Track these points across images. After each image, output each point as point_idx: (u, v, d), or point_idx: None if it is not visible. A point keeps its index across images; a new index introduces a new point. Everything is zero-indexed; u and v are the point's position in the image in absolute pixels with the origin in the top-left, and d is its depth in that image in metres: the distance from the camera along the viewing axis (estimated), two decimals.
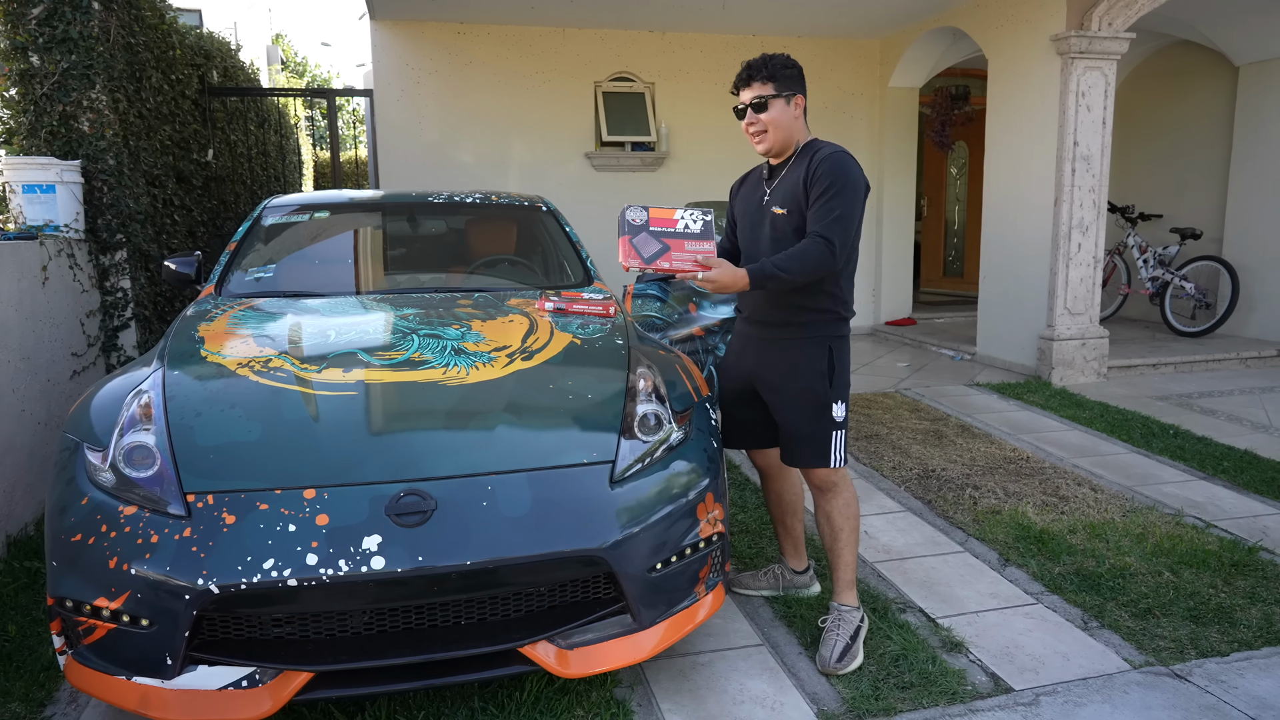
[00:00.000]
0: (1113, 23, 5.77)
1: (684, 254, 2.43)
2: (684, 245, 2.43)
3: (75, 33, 4.31)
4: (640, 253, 2.40)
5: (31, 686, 2.45)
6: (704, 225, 2.46)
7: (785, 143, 2.56)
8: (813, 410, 2.58)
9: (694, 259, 2.42)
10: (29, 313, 3.68)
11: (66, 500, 2.14)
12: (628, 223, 2.41)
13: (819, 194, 2.44)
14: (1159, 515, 3.66)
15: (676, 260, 2.42)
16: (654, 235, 2.41)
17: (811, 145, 2.56)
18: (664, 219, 2.43)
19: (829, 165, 2.44)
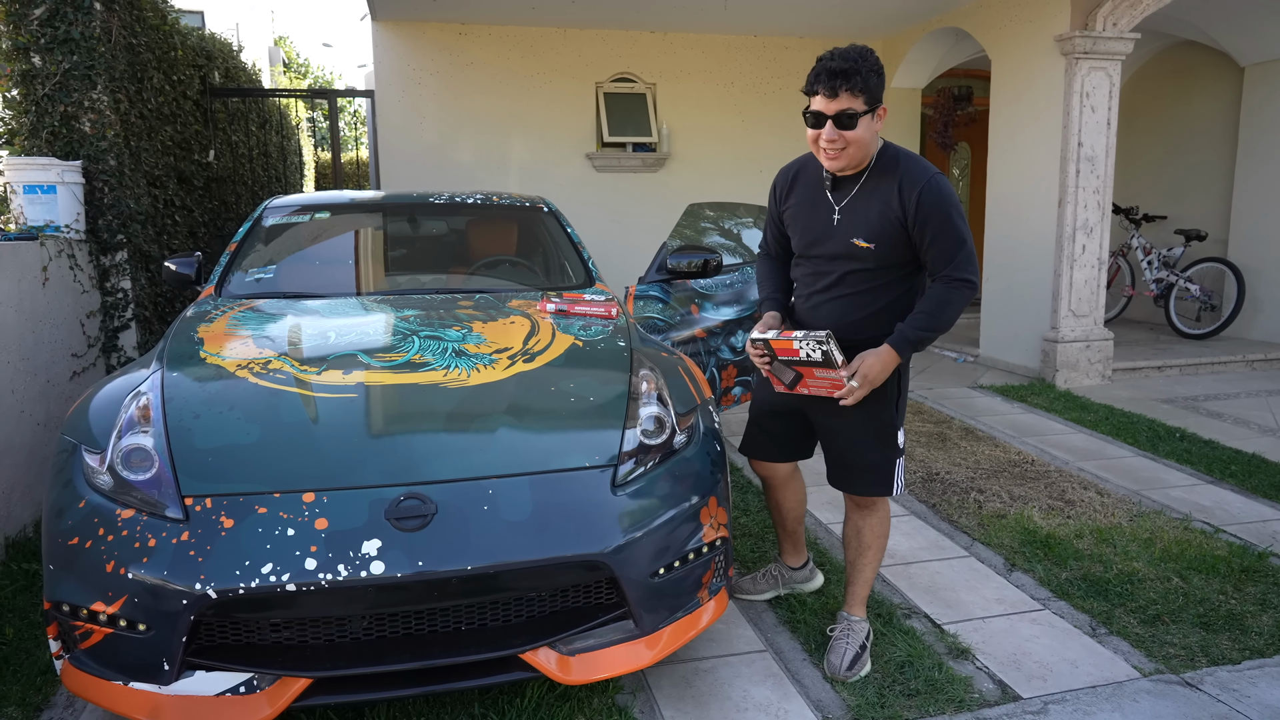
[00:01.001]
0: (1117, 23, 5.74)
1: (818, 381, 2.35)
2: (814, 373, 2.33)
3: (77, 33, 4.29)
4: (781, 379, 2.42)
5: (28, 690, 2.43)
6: (824, 355, 2.26)
7: (863, 161, 2.30)
8: (881, 437, 2.43)
9: (828, 387, 2.34)
10: (29, 313, 3.66)
11: (64, 503, 2.12)
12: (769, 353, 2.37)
13: (936, 231, 2.22)
14: (1166, 520, 3.63)
15: (814, 387, 2.38)
16: (785, 364, 2.36)
17: (888, 156, 2.30)
18: (785, 349, 2.32)
19: (936, 198, 2.21)
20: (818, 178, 2.42)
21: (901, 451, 2.48)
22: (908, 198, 2.23)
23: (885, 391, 2.38)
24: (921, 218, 2.22)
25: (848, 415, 2.41)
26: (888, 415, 2.42)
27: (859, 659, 2.52)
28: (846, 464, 2.49)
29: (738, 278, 4.31)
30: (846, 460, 2.49)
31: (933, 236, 2.23)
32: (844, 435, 2.47)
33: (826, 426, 2.51)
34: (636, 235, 7.55)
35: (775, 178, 2.57)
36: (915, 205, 2.22)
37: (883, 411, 2.41)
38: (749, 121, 8.01)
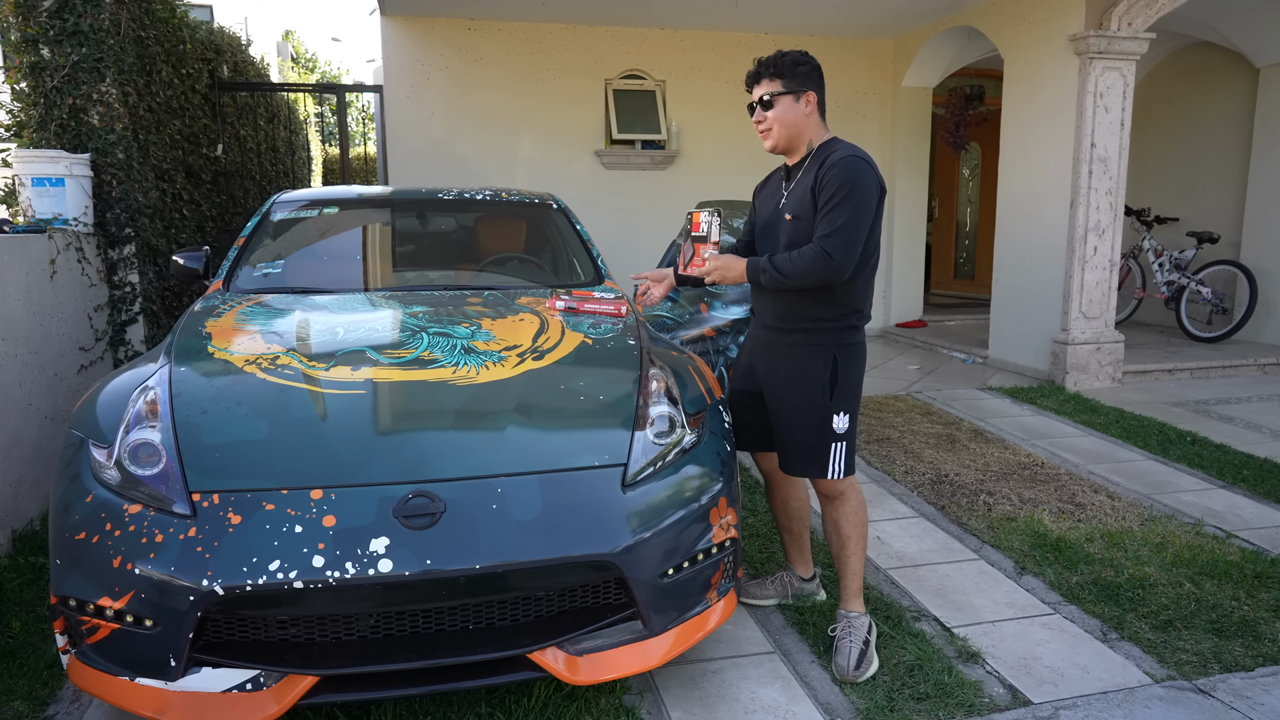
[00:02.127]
0: (1132, 22, 5.70)
1: (698, 257, 2.58)
2: (699, 249, 2.57)
3: (86, 26, 4.28)
4: (685, 257, 2.62)
5: (34, 684, 2.43)
6: (713, 228, 2.57)
7: (791, 141, 2.52)
8: (812, 421, 2.53)
9: (702, 259, 2.58)
10: (37, 306, 3.66)
11: (71, 498, 2.12)
12: (687, 228, 2.62)
13: (824, 201, 2.38)
14: (1178, 524, 3.60)
15: (692, 265, 2.61)
16: (692, 239, 2.59)
17: (827, 147, 2.48)
18: (696, 223, 2.58)
19: (836, 171, 2.37)
20: (781, 172, 2.67)
21: (840, 437, 2.53)
22: (820, 173, 2.41)
23: (817, 377, 2.51)
24: (823, 186, 2.39)
25: (786, 399, 2.57)
26: (820, 400, 2.51)
27: (865, 656, 2.52)
28: (785, 444, 2.61)
29: None
30: (785, 441, 2.61)
31: (823, 205, 2.39)
32: (781, 417, 2.60)
33: (772, 409, 2.65)
34: (645, 233, 7.53)
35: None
36: (823, 176, 2.39)
37: (816, 396, 2.51)
38: None
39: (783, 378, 2.56)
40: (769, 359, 2.61)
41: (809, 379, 2.51)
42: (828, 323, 2.50)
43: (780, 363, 2.57)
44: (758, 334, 2.70)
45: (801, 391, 2.52)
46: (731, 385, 2.85)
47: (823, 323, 2.50)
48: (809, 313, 2.50)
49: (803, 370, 2.52)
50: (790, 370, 2.55)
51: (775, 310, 2.58)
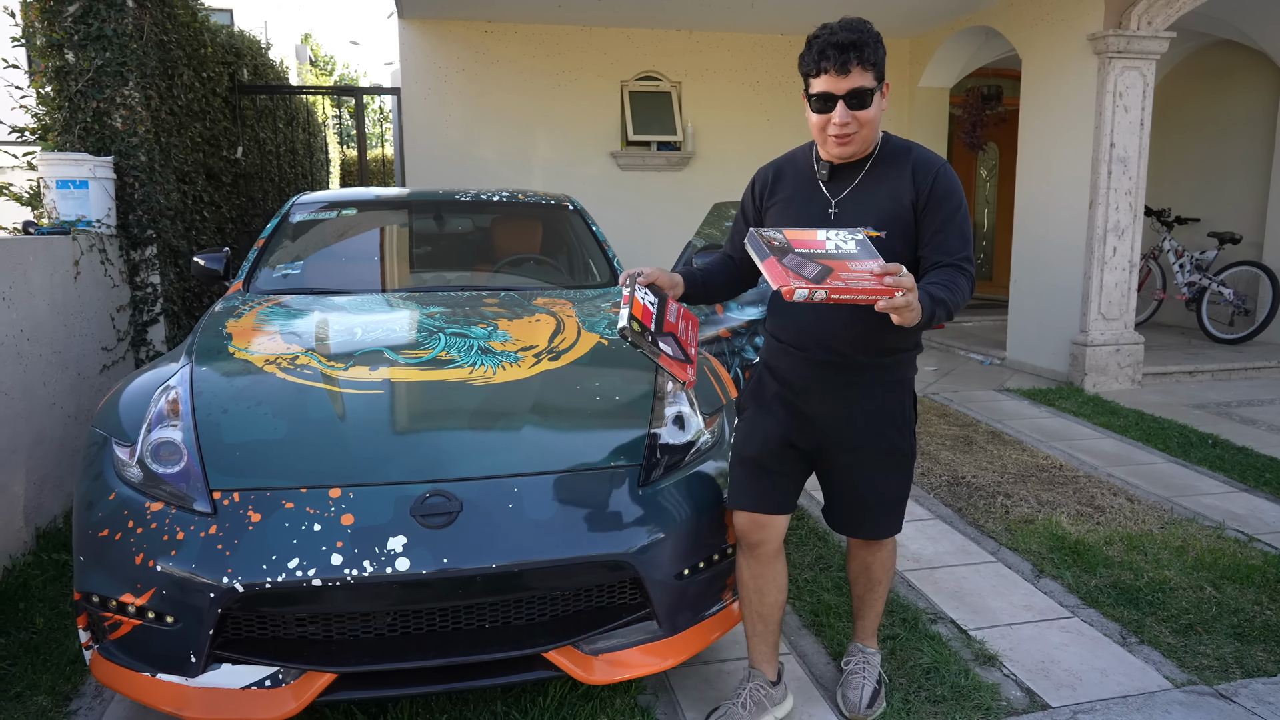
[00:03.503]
0: (1152, 21, 5.65)
1: (853, 273, 1.75)
2: (848, 265, 1.79)
3: (110, 30, 4.34)
4: (801, 273, 1.75)
5: (58, 680, 2.45)
6: (859, 245, 1.84)
7: (869, 145, 2.06)
8: (899, 470, 2.18)
9: (871, 275, 1.73)
10: (61, 307, 3.71)
11: (94, 495, 2.14)
12: (766, 245, 1.83)
13: (949, 218, 1.99)
14: (1199, 528, 3.56)
15: (850, 279, 1.73)
16: (805, 257, 1.83)
17: (894, 140, 2.10)
18: (807, 241, 1.86)
19: (952, 184, 2.01)
20: (808, 171, 2.15)
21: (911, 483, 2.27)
22: (922, 180, 2.01)
23: (902, 418, 2.15)
24: (935, 202, 2.00)
25: (866, 449, 2.14)
26: (906, 445, 2.17)
27: (877, 695, 2.36)
28: (862, 503, 2.20)
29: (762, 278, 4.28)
30: (862, 498, 2.19)
31: (943, 222, 2.00)
32: (860, 470, 2.16)
33: (838, 464, 2.17)
34: (661, 234, 7.54)
35: (755, 175, 2.30)
36: (930, 188, 2.00)
37: (901, 442, 2.15)
38: (774, 121, 7.97)
39: (863, 424, 2.12)
40: (837, 401, 2.12)
41: (893, 421, 2.14)
42: (905, 354, 2.15)
43: (856, 406, 2.12)
44: (808, 372, 2.13)
45: (885, 438, 2.14)
46: (745, 435, 2.24)
47: (902, 354, 2.14)
48: (890, 342, 2.08)
49: (885, 411, 2.14)
50: (871, 413, 2.13)
51: (847, 341, 2.08)
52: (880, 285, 1.69)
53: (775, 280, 1.75)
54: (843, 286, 1.71)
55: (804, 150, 2.19)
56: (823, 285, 1.70)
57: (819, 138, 2.05)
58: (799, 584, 3.05)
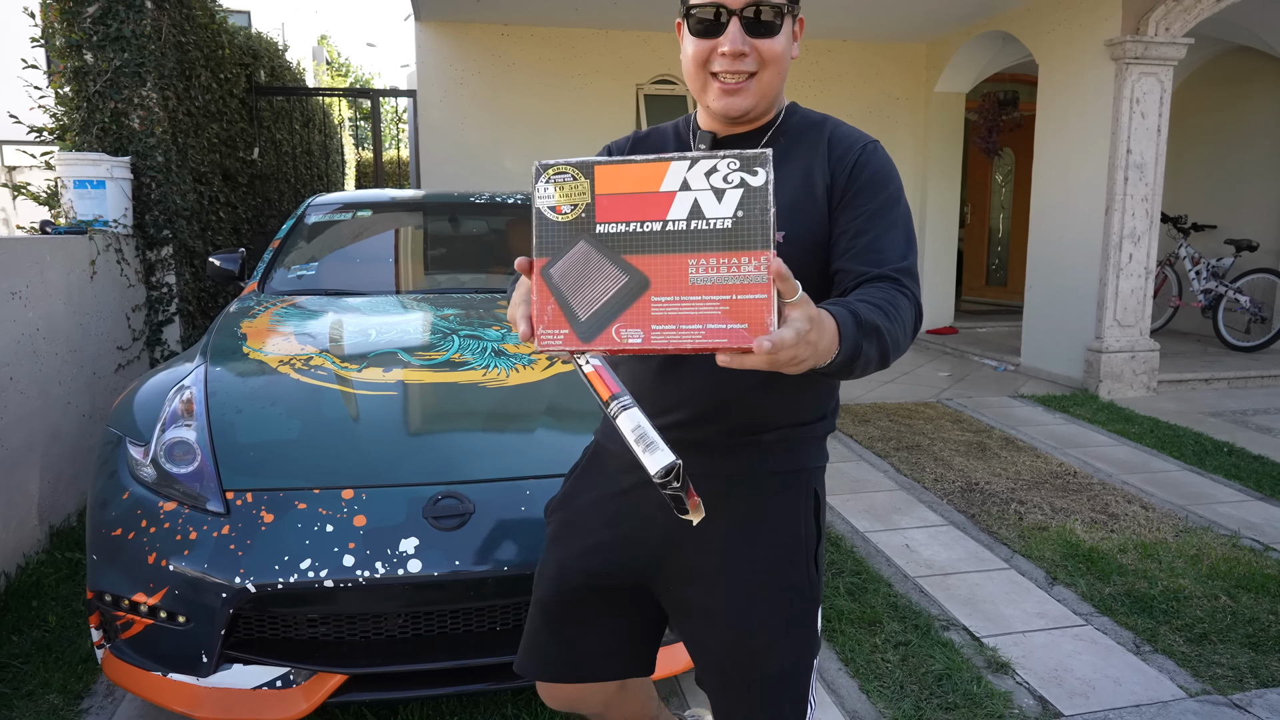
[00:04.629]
0: (1170, 27, 5.61)
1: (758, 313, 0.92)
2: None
3: (128, 31, 4.37)
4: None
5: (69, 678, 2.46)
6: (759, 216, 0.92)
7: (770, 106, 1.35)
8: (796, 624, 1.35)
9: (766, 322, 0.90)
10: (77, 306, 3.74)
11: (108, 494, 2.15)
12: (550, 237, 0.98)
13: (881, 209, 1.28)
14: (1214, 536, 3.53)
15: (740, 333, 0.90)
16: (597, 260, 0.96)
17: (801, 112, 1.40)
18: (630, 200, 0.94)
19: (884, 165, 1.31)
20: (680, 144, 1.44)
21: (820, 646, 1.41)
22: (842, 159, 1.31)
23: (799, 524, 1.35)
24: (861, 188, 1.29)
25: (739, 590, 1.33)
26: (808, 574, 1.36)
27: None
28: (737, 671, 1.36)
29: None
30: (737, 660, 1.35)
31: (874, 216, 1.27)
32: (733, 618, 1.33)
33: (698, 603, 1.36)
34: None
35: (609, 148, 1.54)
36: (854, 168, 1.30)
37: (797, 566, 1.34)
38: None
39: (735, 547, 1.33)
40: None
41: (783, 541, 1.34)
42: (806, 428, 1.36)
43: (723, 518, 1.32)
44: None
45: (771, 569, 1.33)
46: (547, 571, 1.48)
47: (801, 429, 1.35)
48: (779, 411, 1.33)
49: (771, 526, 1.34)
50: (748, 528, 1.33)
51: (709, 408, 1.32)
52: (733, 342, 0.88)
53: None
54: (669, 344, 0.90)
55: (678, 123, 1.47)
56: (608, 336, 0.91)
57: (697, 84, 1.32)
58: None
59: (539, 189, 0.93)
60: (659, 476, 0.97)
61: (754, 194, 0.88)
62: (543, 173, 0.93)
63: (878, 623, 2.82)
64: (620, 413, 1.01)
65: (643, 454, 0.98)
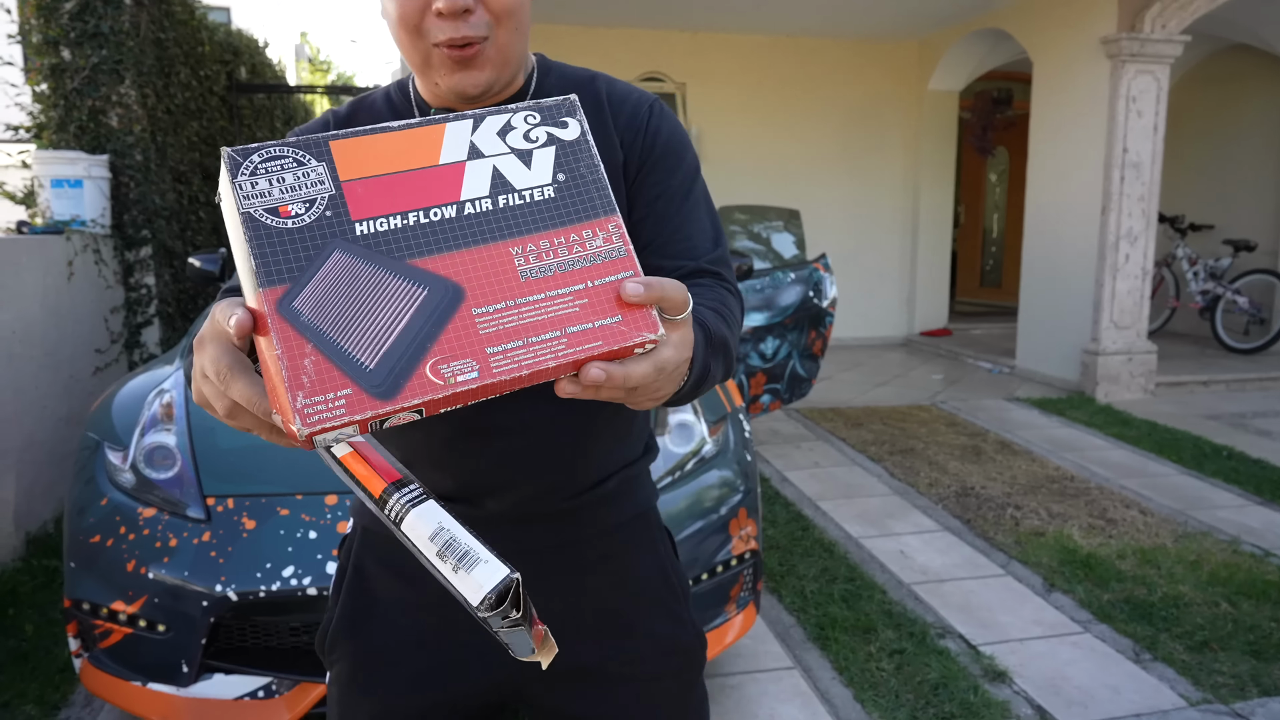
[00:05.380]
0: (1166, 24, 5.59)
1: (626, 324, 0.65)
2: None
3: (106, 28, 4.30)
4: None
5: (46, 689, 2.41)
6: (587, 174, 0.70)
7: (520, 60, 1.00)
8: (685, 689, 1.12)
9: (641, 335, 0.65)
10: (53, 308, 3.66)
11: (85, 501, 2.13)
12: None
13: (683, 186, 1.03)
14: (1214, 541, 3.50)
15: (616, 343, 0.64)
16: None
17: (555, 68, 1.08)
18: (398, 181, 0.65)
19: (675, 126, 1.06)
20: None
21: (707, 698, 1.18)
22: (631, 124, 1.04)
23: (663, 565, 1.13)
24: (659, 160, 1.03)
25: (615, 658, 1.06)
26: (685, 620, 1.13)
27: None
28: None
29: (767, 283, 4.23)
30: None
31: (677, 196, 1.02)
32: (615, 704, 1.07)
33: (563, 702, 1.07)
34: None
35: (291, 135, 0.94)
36: (648, 135, 1.03)
37: (676, 616, 1.12)
38: (779, 124, 7.92)
39: (602, 621, 1.06)
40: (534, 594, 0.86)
41: (655, 592, 1.11)
42: (639, 463, 1.12)
43: (580, 597, 1.06)
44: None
45: (648, 631, 1.08)
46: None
47: (636, 465, 1.11)
48: (615, 450, 1.08)
49: (637, 581, 1.10)
50: (611, 595, 1.07)
51: (543, 467, 1.02)
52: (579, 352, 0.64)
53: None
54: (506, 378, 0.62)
55: (386, 92, 1.13)
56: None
57: (415, 58, 0.96)
58: (805, 595, 2.99)
59: (239, 188, 0.62)
60: (486, 607, 0.64)
61: (571, 149, 0.68)
62: (241, 163, 0.62)
63: (872, 630, 2.77)
64: (407, 511, 0.66)
65: (453, 576, 0.64)
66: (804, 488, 4.12)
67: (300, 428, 0.57)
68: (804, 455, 4.66)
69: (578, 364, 0.63)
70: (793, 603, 2.96)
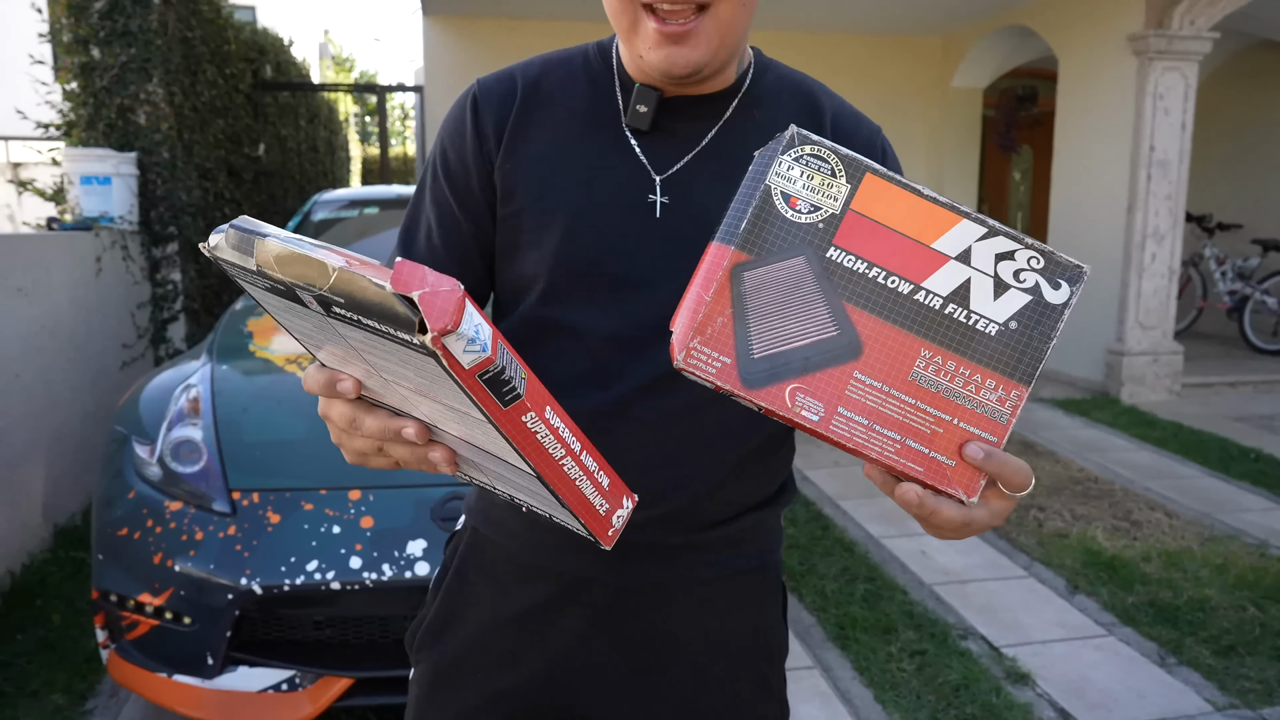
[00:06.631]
0: (1195, 21, 5.51)
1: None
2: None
3: (135, 26, 4.35)
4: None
5: (73, 678, 2.44)
6: (1037, 341, 0.71)
7: (738, 46, 0.92)
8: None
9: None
10: (82, 303, 3.71)
11: (113, 493, 2.15)
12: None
13: None
14: (1241, 545, 3.46)
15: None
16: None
17: (775, 68, 1.02)
18: (889, 237, 0.69)
19: (896, 163, 1.01)
20: (601, 97, 0.97)
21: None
22: (850, 136, 0.99)
23: (772, 628, 1.04)
24: None
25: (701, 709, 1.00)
26: (776, 690, 1.05)
27: None
28: None
29: None
30: None
31: None
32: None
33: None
34: None
35: (468, 95, 1.09)
36: (868, 150, 1.00)
37: (768, 686, 1.04)
38: None
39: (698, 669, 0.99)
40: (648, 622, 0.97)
41: (754, 655, 1.02)
42: (769, 507, 1.00)
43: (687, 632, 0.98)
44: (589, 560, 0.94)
45: (735, 693, 1.01)
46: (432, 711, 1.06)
47: (766, 509, 1.00)
48: (746, 487, 0.97)
49: (742, 634, 1.01)
50: (715, 641, 0.99)
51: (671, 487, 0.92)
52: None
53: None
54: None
55: (585, 56, 1.02)
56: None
57: (623, 23, 0.88)
58: (825, 594, 2.98)
59: (780, 162, 0.67)
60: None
61: (1043, 311, 0.68)
62: (795, 145, 0.67)
63: (893, 631, 2.76)
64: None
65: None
66: (824, 486, 4.10)
67: (681, 358, 0.65)
68: (824, 454, 4.64)
69: (891, 469, 0.68)
70: (813, 602, 2.95)
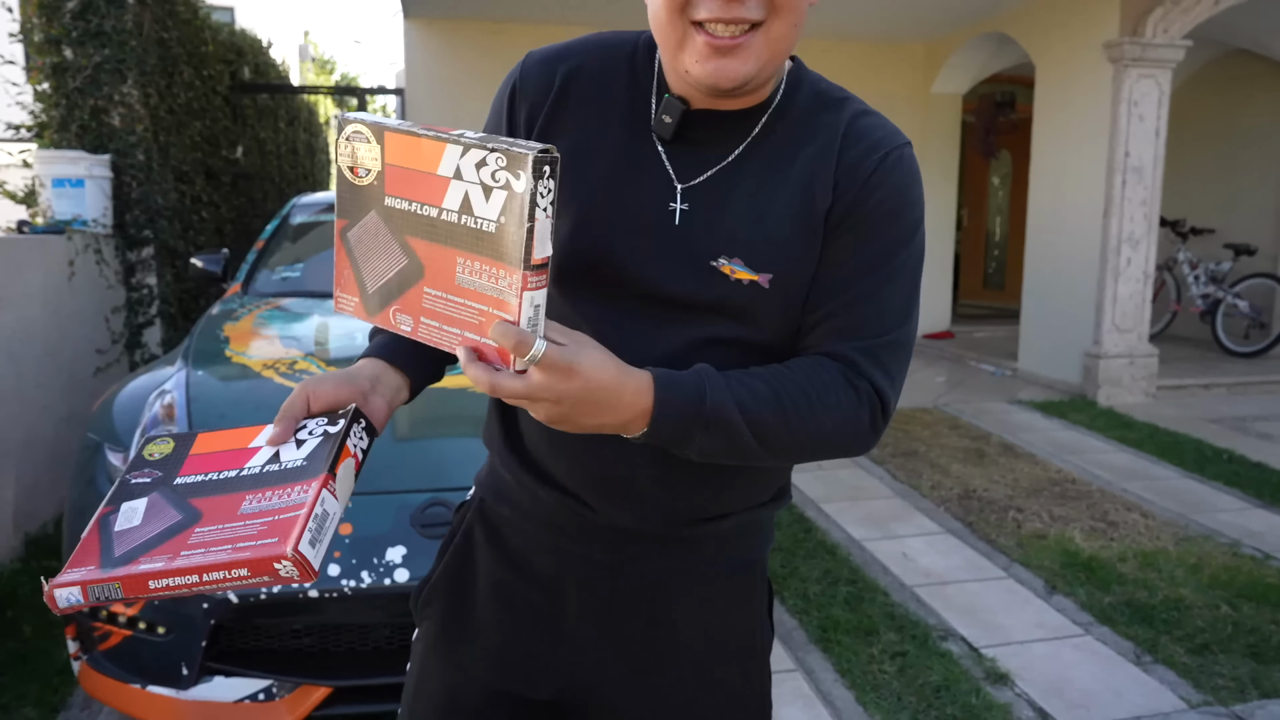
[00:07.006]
0: (1168, 29, 5.59)
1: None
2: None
3: (109, 27, 4.29)
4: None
5: (45, 691, 2.40)
6: (516, 227, 0.76)
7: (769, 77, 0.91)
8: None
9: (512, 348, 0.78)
10: (55, 308, 3.66)
11: (86, 502, 2.13)
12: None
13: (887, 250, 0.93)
14: (1214, 545, 3.50)
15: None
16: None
17: (810, 81, 0.98)
18: (413, 176, 0.82)
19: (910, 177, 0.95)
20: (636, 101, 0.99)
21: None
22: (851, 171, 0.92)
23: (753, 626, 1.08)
24: (872, 216, 0.92)
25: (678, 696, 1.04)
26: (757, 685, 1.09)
27: None
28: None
29: None
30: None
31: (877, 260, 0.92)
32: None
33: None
34: None
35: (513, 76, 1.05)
36: (861, 189, 0.92)
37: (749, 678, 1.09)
38: None
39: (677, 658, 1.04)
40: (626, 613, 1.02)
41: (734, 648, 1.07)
42: (765, 509, 1.06)
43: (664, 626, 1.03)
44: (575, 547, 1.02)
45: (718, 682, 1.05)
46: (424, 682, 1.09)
47: (754, 511, 1.04)
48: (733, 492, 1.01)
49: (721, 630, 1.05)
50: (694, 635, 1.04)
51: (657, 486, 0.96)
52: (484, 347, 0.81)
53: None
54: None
55: (634, 49, 1.04)
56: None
57: (671, 39, 0.89)
58: (808, 597, 2.99)
59: (340, 145, 0.86)
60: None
61: (514, 200, 0.76)
62: (343, 128, 0.86)
63: (874, 632, 2.77)
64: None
65: None
66: (807, 490, 4.11)
67: (335, 306, 0.92)
68: None
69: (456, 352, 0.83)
70: (795, 605, 2.95)
